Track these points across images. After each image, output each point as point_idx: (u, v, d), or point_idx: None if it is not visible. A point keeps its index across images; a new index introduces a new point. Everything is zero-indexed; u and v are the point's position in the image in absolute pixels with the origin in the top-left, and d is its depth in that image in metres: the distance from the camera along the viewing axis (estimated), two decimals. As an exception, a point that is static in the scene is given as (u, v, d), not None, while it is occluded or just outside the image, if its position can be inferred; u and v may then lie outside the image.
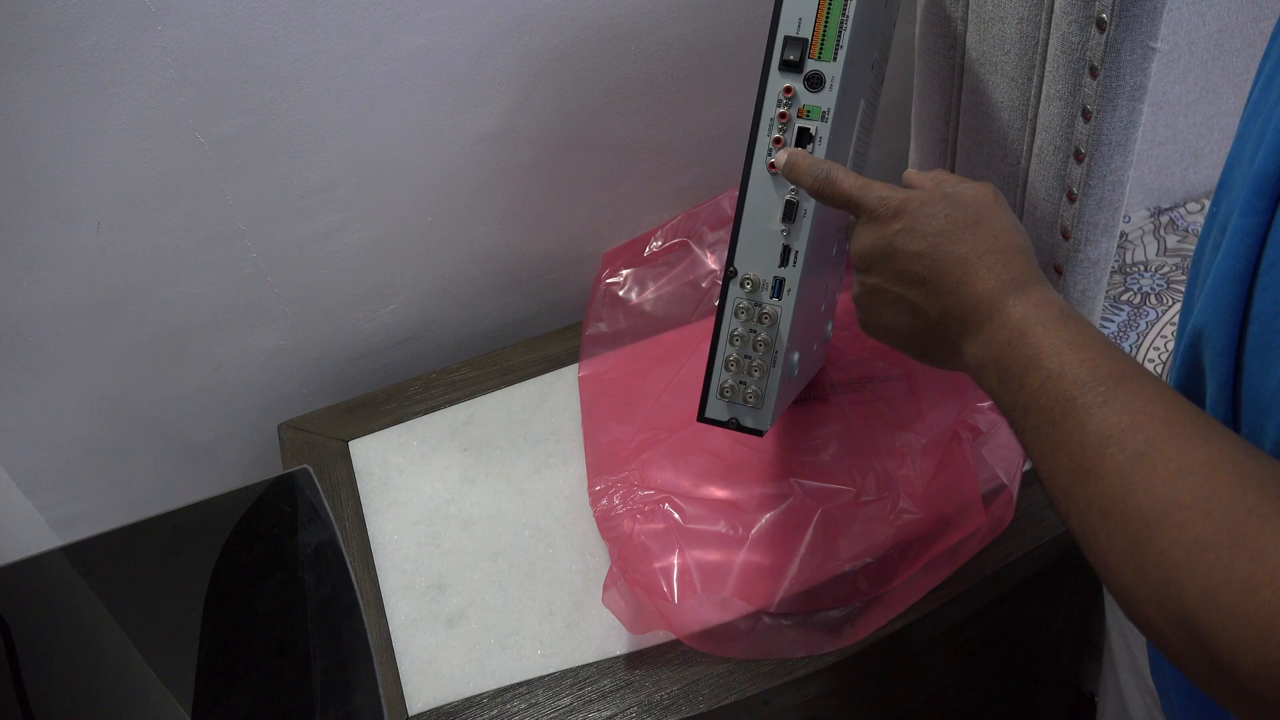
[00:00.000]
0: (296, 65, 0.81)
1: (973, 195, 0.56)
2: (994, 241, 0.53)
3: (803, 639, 0.75)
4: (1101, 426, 0.42)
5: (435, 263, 0.99)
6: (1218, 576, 0.36)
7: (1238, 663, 0.35)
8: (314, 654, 0.77)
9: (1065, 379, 0.45)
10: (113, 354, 0.92)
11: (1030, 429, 0.46)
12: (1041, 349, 0.47)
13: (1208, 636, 0.36)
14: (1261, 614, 0.35)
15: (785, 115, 0.64)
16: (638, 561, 0.78)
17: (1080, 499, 0.42)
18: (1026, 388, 0.47)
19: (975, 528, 0.76)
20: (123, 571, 0.83)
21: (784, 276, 0.66)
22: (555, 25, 0.87)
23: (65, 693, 0.77)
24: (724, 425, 0.70)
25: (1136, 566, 0.39)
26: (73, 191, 0.81)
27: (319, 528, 0.84)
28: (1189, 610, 0.37)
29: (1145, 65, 0.65)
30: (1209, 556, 0.36)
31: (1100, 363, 0.45)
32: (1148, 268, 1.05)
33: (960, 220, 0.54)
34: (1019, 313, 0.49)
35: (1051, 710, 1.03)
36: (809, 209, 0.65)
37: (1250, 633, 0.35)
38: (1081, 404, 0.43)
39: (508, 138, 0.92)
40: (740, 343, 0.68)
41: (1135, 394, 0.42)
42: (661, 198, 1.04)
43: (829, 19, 0.62)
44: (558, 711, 0.74)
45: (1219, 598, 0.36)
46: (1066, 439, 0.43)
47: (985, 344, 0.51)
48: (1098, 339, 0.47)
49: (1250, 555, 0.35)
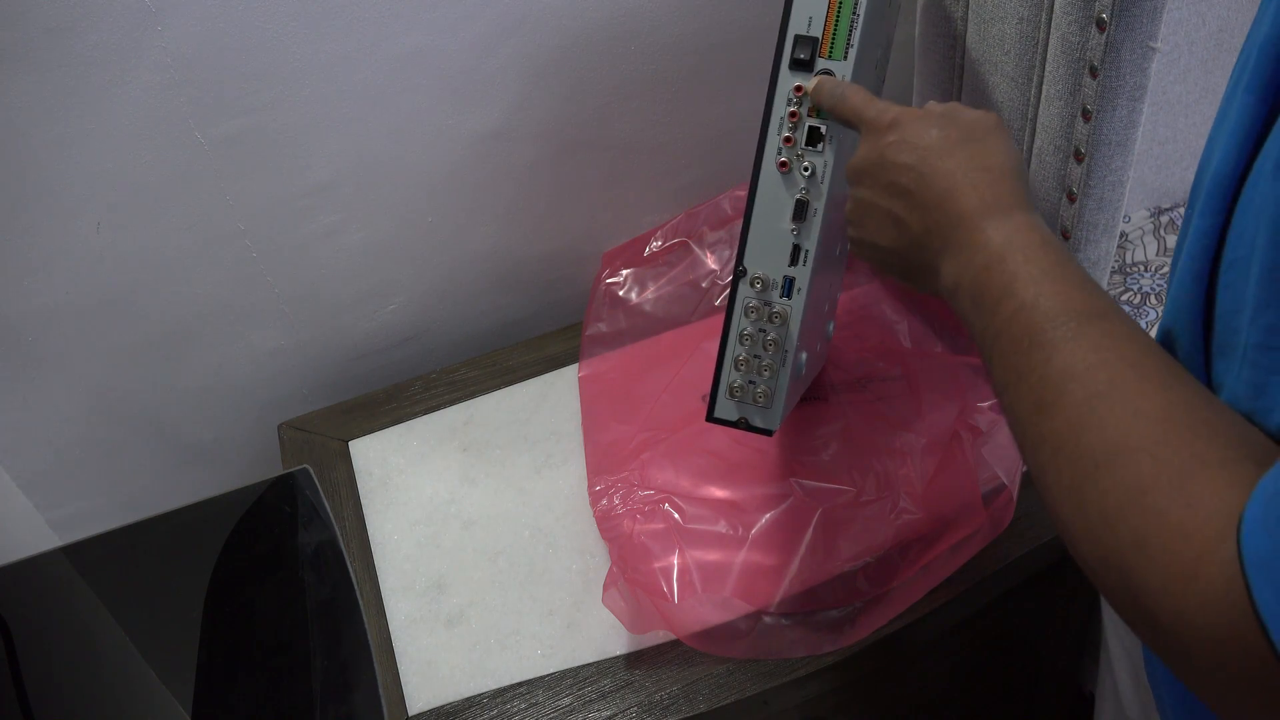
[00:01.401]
0: (296, 65, 0.81)
1: (972, 116, 0.55)
2: (984, 160, 0.52)
3: (803, 639, 0.75)
4: (1066, 362, 0.42)
5: (435, 263, 0.99)
6: (1152, 521, 0.36)
7: (1162, 609, 0.35)
8: (314, 654, 0.77)
9: (1038, 310, 0.44)
10: (113, 354, 0.92)
11: (997, 356, 0.46)
12: (1018, 277, 0.46)
13: (1136, 581, 0.36)
14: (1186, 562, 0.35)
15: (796, 114, 0.64)
16: (638, 561, 0.78)
17: (1036, 433, 0.42)
18: (998, 314, 0.46)
19: (975, 528, 0.76)
20: (123, 571, 0.83)
21: (794, 276, 0.66)
22: (555, 25, 0.87)
23: (65, 693, 0.77)
24: (733, 425, 0.70)
25: (1078, 503, 0.39)
26: (73, 191, 0.81)
27: (319, 528, 0.84)
28: (1121, 551, 0.37)
29: (1145, 65, 0.65)
30: (1146, 500, 0.37)
31: (1075, 296, 0.44)
32: (1148, 268, 1.05)
33: (953, 137, 0.54)
34: (1000, 236, 0.49)
35: (1051, 710, 1.03)
36: (819, 208, 0.65)
37: (1175, 578, 0.35)
38: (1050, 338, 0.43)
39: (508, 137, 0.92)
40: (750, 342, 0.68)
41: (1105, 332, 0.42)
42: (661, 198, 1.04)
43: (840, 17, 0.62)
44: (558, 711, 0.74)
45: (1149, 542, 0.36)
46: (1030, 371, 0.43)
47: (963, 265, 0.50)
48: (1076, 272, 0.46)
49: (1186, 502, 0.35)
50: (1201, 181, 0.45)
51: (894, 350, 0.90)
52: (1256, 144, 0.40)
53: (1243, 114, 0.40)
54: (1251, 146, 0.40)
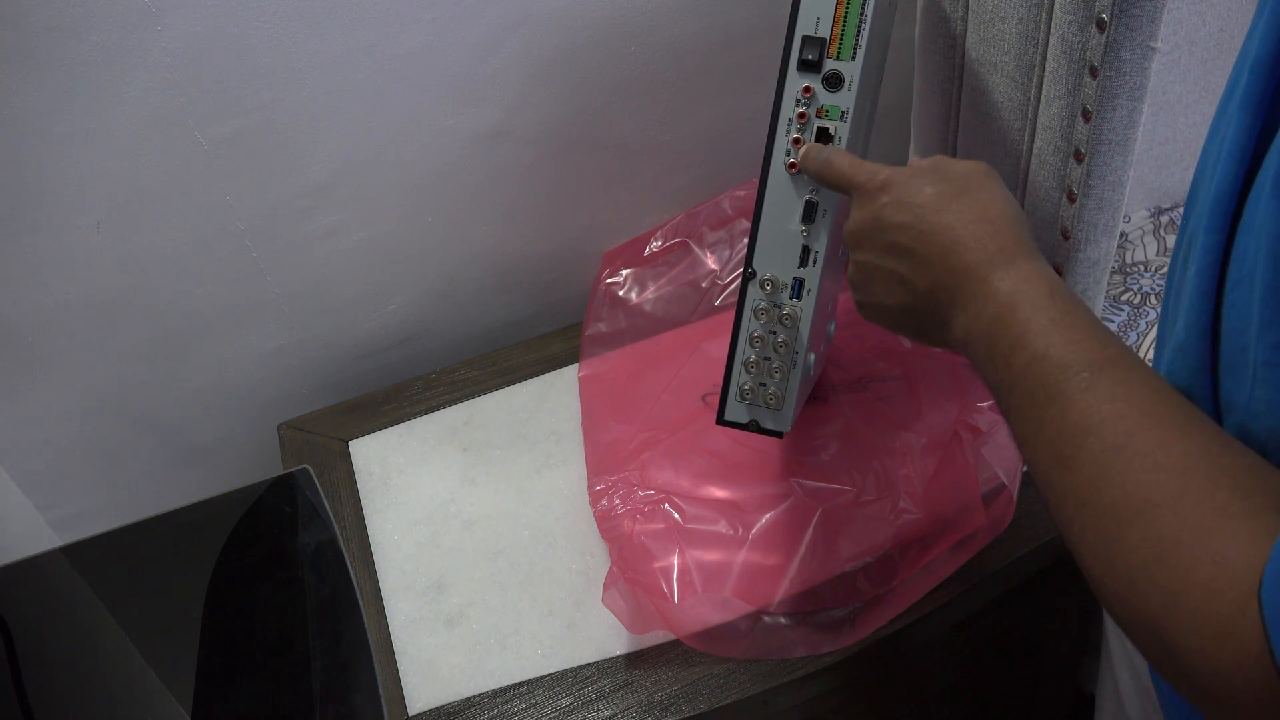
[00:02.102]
0: (296, 65, 0.81)
1: (963, 169, 0.55)
2: (982, 211, 0.52)
3: (803, 639, 0.75)
4: (1083, 415, 0.42)
5: (435, 263, 0.99)
6: (1180, 578, 0.36)
7: (1194, 665, 0.35)
8: (314, 654, 0.77)
9: (1050, 362, 0.44)
10: (113, 354, 0.92)
11: (1014, 409, 0.46)
12: (1028, 328, 0.46)
13: (1169, 639, 0.36)
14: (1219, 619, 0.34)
15: (804, 115, 0.63)
16: (638, 561, 0.78)
17: (1059, 486, 0.42)
18: (1012, 367, 0.46)
19: (975, 528, 0.76)
20: (123, 571, 0.83)
21: (804, 277, 0.66)
22: (555, 25, 0.87)
23: (65, 693, 0.77)
24: (744, 428, 0.70)
25: (1107, 561, 0.39)
26: (73, 192, 0.81)
27: (319, 528, 0.84)
28: (1152, 610, 0.37)
29: (1145, 65, 0.65)
30: (1173, 557, 0.36)
31: (1087, 345, 0.44)
32: (1148, 268, 1.05)
33: (946, 191, 0.53)
34: (1006, 286, 0.48)
35: (1051, 710, 1.03)
36: (829, 209, 0.65)
37: (1207, 637, 0.35)
38: (1064, 390, 0.43)
39: (508, 137, 0.92)
40: (760, 344, 0.67)
41: (1118, 380, 0.42)
42: (661, 198, 1.04)
43: (847, 18, 0.62)
44: (558, 711, 0.74)
45: (1180, 599, 0.36)
46: (1048, 424, 0.43)
47: (973, 318, 0.50)
48: (1085, 318, 0.46)
49: (1213, 557, 0.35)
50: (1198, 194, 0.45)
51: (894, 350, 0.90)
52: (1254, 160, 0.40)
53: (1239, 131, 0.41)
54: (1249, 163, 0.40)
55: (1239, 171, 0.41)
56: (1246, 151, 0.40)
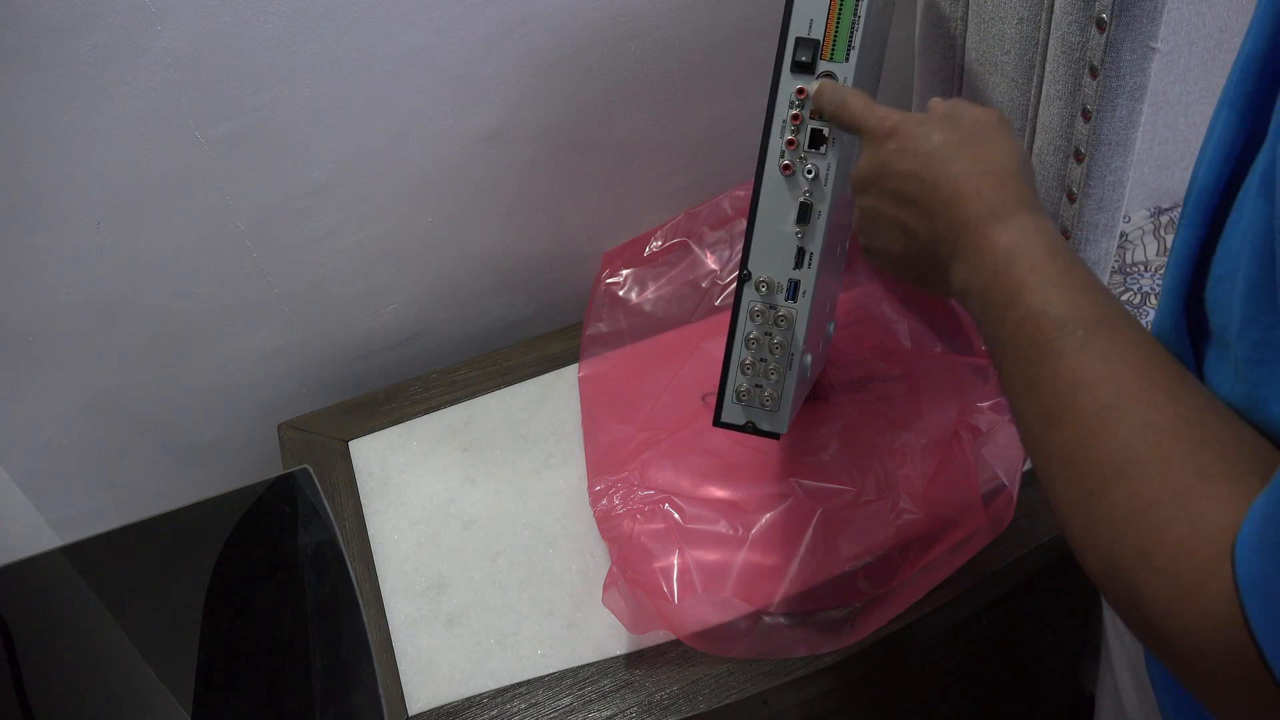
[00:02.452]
0: (296, 65, 0.81)
1: (974, 117, 0.55)
2: (987, 162, 0.52)
3: (803, 639, 0.75)
4: (1074, 372, 0.42)
5: (435, 263, 0.99)
6: (1155, 535, 0.36)
7: (1167, 624, 0.36)
8: (314, 654, 0.77)
9: (1045, 318, 0.44)
10: (113, 354, 0.92)
11: (1007, 365, 0.46)
12: (1024, 284, 0.46)
13: (1142, 595, 0.36)
14: (1191, 576, 0.35)
15: (798, 117, 0.63)
16: (638, 561, 0.78)
17: (1045, 443, 0.42)
18: (1007, 322, 0.46)
19: (975, 528, 0.76)
20: (123, 571, 0.83)
21: (799, 278, 0.66)
22: (555, 25, 0.87)
23: (65, 693, 0.77)
24: (740, 429, 0.70)
25: (1086, 516, 0.39)
26: (73, 191, 0.81)
27: (319, 528, 0.84)
28: (1127, 565, 0.37)
29: (1145, 65, 0.65)
30: (1151, 514, 0.37)
31: (1082, 303, 0.44)
32: (1148, 268, 1.05)
33: (954, 140, 0.53)
34: (1005, 241, 0.48)
35: (1051, 710, 1.03)
36: (824, 210, 0.65)
37: (1178, 594, 0.35)
38: (1058, 347, 0.43)
39: (507, 137, 0.92)
40: (756, 346, 0.67)
41: (1113, 340, 0.42)
42: (661, 198, 1.04)
43: (840, 19, 0.62)
44: (558, 711, 0.74)
45: (1154, 557, 0.36)
46: (1039, 381, 0.43)
47: (971, 271, 0.50)
48: (1083, 277, 0.45)
49: (1190, 517, 0.35)
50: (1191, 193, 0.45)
51: (894, 350, 0.90)
52: (1240, 158, 0.40)
53: (1225, 129, 0.41)
54: (1235, 161, 0.40)
55: (1224, 168, 0.41)
56: (1234, 149, 0.40)
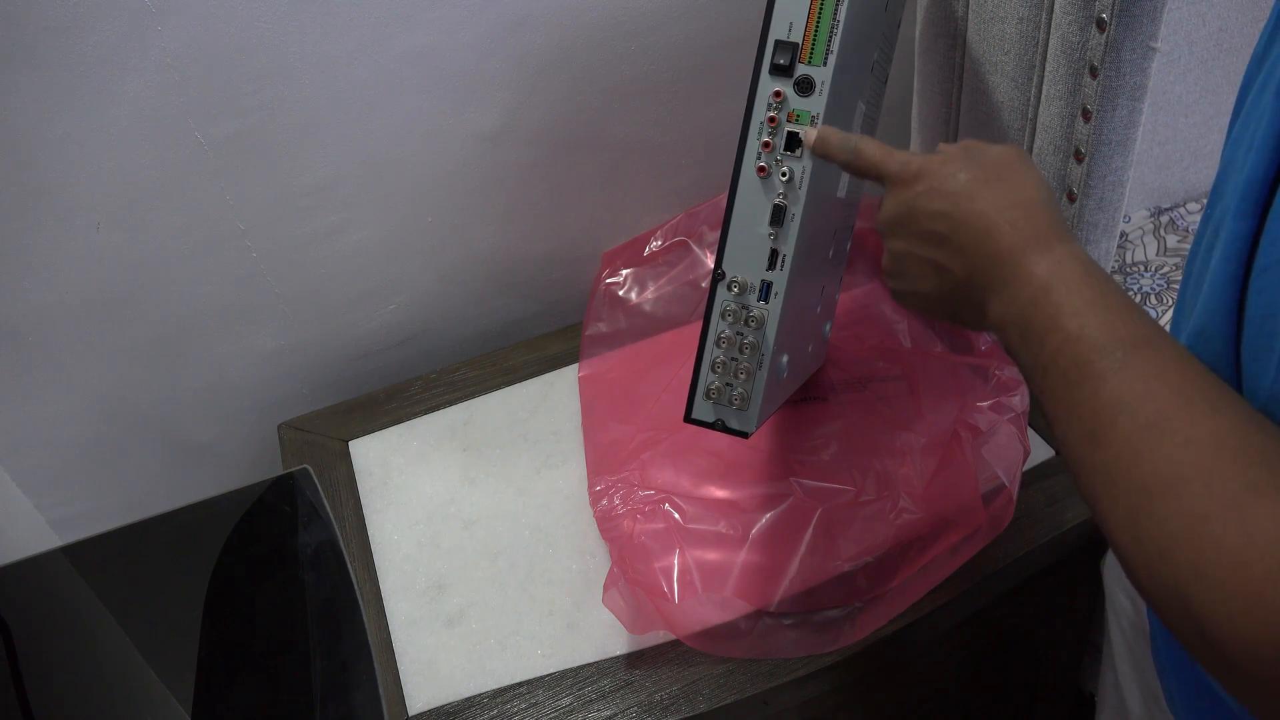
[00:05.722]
0: (296, 65, 0.81)
1: (996, 154, 0.56)
2: (1015, 196, 0.53)
3: (803, 639, 0.75)
4: (1115, 393, 0.42)
5: (435, 263, 0.99)
6: (1210, 550, 0.36)
7: (1224, 637, 0.36)
8: (314, 654, 0.77)
9: (1084, 342, 0.45)
10: (113, 354, 0.92)
11: (1048, 390, 0.47)
12: (1063, 309, 0.47)
13: (1197, 609, 0.37)
14: (1249, 589, 0.35)
15: (774, 119, 0.64)
16: (638, 561, 0.78)
17: (1090, 464, 0.43)
18: (1046, 348, 0.47)
19: (975, 528, 0.76)
20: (123, 571, 0.83)
21: (771, 280, 0.66)
22: (555, 25, 0.87)
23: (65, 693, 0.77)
24: (710, 427, 0.70)
25: (1135, 535, 0.40)
26: (73, 191, 0.81)
27: (319, 528, 0.84)
28: (1181, 582, 0.37)
29: (1145, 65, 0.65)
30: (1203, 529, 0.37)
31: (1120, 325, 0.45)
32: (1148, 268, 1.05)
33: (980, 177, 0.54)
34: (1042, 270, 0.49)
35: (1051, 710, 1.03)
36: (797, 213, 0.65)
37: (1237, 607, 0.35)
38: (1098, 369, 0.43)
39: (507, 137, 0.92)
40: (727, 345, 0.68)
41: (1151, 359, 0.43)
42: (661, 198, 1.04)
43: (819, 23, 0.62)
44: (558, 711, 0.74)
45: (1210, 571, 0.36)
46: (1081, 403, 0.44)
47: (1008, 302, 0.50)
48: (1119, 299, 0.46)
49: (1244, 530, 0.36)
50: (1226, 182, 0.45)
51: (894, 350, 0.90)
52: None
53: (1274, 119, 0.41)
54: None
55: (1273, 159, 0.41)
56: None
